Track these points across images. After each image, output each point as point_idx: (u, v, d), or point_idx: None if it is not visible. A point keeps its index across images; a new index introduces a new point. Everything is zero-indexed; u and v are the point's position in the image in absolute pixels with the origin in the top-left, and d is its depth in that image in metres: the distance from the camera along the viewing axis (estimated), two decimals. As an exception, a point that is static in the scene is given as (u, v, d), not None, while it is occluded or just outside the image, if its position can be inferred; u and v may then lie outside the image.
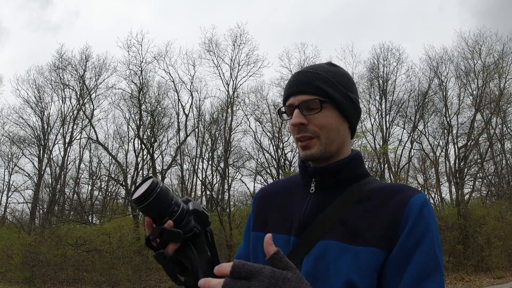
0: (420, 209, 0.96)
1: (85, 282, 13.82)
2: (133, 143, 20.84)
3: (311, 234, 1.02)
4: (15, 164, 21.76)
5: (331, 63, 1.15)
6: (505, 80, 18.49)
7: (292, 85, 1.10)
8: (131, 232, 14.71)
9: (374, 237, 0.95)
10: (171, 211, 0.90)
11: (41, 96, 21.03)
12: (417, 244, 0.93)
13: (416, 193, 0.99)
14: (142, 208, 0.89)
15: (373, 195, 1.03)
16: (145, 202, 0.88)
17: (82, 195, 22.04)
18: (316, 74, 1.09)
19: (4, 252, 15.48)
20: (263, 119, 20.04)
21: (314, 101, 1.05)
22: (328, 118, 1.06)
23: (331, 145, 1.07)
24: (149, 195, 0.88)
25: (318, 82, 1.07)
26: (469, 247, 14.44)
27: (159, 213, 0.90)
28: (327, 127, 1.06)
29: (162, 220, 0.91)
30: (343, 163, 1.08)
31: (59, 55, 20.09)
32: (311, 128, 1.06)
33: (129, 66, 18.73)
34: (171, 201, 0.91)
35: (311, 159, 1.08)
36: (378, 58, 20.04)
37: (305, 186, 1.13)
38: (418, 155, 21.37)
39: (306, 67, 1.14)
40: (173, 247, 0.91)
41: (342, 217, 1.01)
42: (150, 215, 0.91)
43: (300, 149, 1.09)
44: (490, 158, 19.98)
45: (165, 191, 0.90)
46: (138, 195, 0.88)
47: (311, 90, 1.06)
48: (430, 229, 0.94)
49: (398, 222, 0.95)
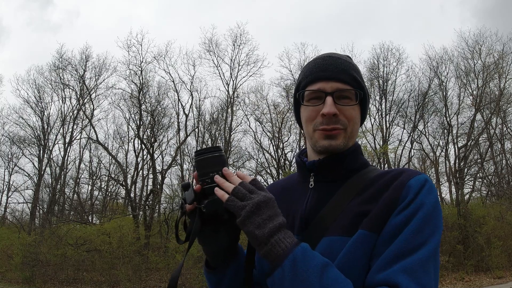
0: (419, 188, 0.91)
1: (85, 282, 13.82)
2: (133, 143, 20.87)
3: (314, 230, 0.98)
4: (15, 164, 21.81)
5: (349, 56, 1.11)
6: (505, 80, 18.51)
7: (325, 69, 1.02)
8: (131, 232, 14.71)
9: (371, 221, 0.91)
10: (204, 178, 0.96)
11: (41, 96, 21.08)
12: (407, 221, 0.87)
13: (417, 175, 0.94)
14: (195, 160, 0.98)
15: (375, 182, 0.98)
16: (197, 157, 0.97)
17: (82, 195, 22.09)
18: (350, 64, 1.04)
19: (4, 252, 15.48)
20: (263, 119, 20.09)
21: (351, 92, 1.00)
22: (356, 112, 1.03)
23: (351, 140, 1.04)
24: (202, 154, 0.96)
25: (354, 72, 1.02)
26: (469, 247, 14.43)
27: (199, 172, 0.96)
28: (353, 121, 1.02)
29: (200, 181, 0.97)
30: (341, 155, 1.04)
31: (59, 55, 20.14)
32: (342, 119, 1.00)
33: (129, 66, 18.79)
34: (209, 173, 0.95)
35: (333, 151, 1.02)
36: (378, 58, 20.09)
37: (304, 182, 1.09)
38: (418, 155, 21.42)
39: (331, 53, 1.07)
40: (189, 207, 0.95)
41: (344, 210, 0.96)
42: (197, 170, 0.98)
43: (322, 137, 1.01)
44: (490, 158, 19.98)
45: (214, 162, 0.96)
46: (201, 149, 0.98)
47: (347, 80, 1.01)
48: (423, 207, 0.88)
49: (396, 203, 0.90)
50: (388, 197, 0.92)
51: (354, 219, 0.94)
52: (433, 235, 0.87)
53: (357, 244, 0.89)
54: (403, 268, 0.82)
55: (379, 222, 0.90)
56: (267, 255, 0.86)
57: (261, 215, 0.86)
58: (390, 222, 0.89)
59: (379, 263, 0.86)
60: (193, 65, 25.00)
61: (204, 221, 0.95)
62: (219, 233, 0.99)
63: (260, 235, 0.85)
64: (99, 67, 20.44)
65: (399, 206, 0.90)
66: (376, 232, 0.89)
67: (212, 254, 1.02)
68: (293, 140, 19.74)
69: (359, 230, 0.90)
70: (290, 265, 0.82)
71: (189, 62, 31.16)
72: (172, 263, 13.25)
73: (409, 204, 0.89)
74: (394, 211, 0.90)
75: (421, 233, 0.86)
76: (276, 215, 0.88)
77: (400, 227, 0.87)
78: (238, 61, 20.33)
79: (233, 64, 20.26)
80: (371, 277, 0.86)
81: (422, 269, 0.83)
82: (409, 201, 0.89)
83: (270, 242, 0.85)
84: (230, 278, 1.03)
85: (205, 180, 0.95)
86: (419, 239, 0.85)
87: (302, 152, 1.17)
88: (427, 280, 0.83)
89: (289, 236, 0.87)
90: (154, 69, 24.82)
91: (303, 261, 0.82)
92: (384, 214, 0.90)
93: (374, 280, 0.85)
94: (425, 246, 0.85)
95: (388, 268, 0.84)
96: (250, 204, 0.86)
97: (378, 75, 19.93)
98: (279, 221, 0.87)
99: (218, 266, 1.03)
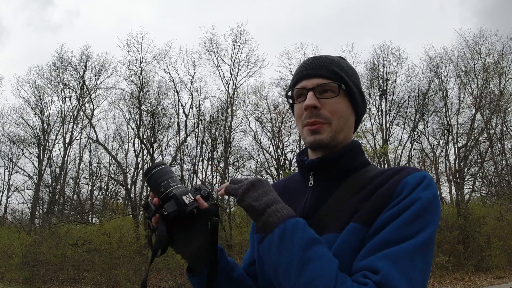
0: (415, 185, 0.89)
1: (85, 282, 13.81)
2: (133, 143, 20.85)
3: (313, 228, 0.96)
4: (15, 164, 21.80)
5: (342, 57, 1.14)
6: (505, 80, 18.51)
7: (307, 68, 1.06)
8: (131, 232, 14.71)
9: (364, 214, 0.91)
10: (157, 191, 1.02)
11: (41, 96, 21.08)
12: (398, 214, 0.86)
13: (416, 171, 0.93)
14: (146, 181, 1.06)
15: (373, 180, 0.98)
16: (144, 177, 1.07)
17: (82, 195, 22.08)
18: (333, 60, 1.07)
19: (4, 252, 15.48)
20: (263, 119, 20.07)
21: (331, 85, 1.03)
22: (341, 105, 1.04)
23: (339, 134, 1.04)
24: (147, 173, 1.04)
25: (335, 67, 1.05)
26: (469, 247, 14.43)
27: (152, 189, 1.03)
28: (338, 114, 1.03)
29: (155, 195, 1.03)
30: (341, 153, 1.04)
31: (59, 55, 20.14)
32: (324, 113, 1.02)
33: (129, 66, 18.77)
34: (160, 184, 1.01)
35: (319, 145, 1.04)
36: (378, 58, 20.08)
37: (304, 181, 1.10)
38: (418, 155, 21.39)
39: (319, 55, 1.11)
40: (154, 220, 1.01)
41: (342, 208, 0.97)
42: (150, 188, 1.05)
43: (308, 133, 1.04)
44: (490, 158, 19.97)
45: (158, 174, 1.02)
46: (145, 170, 1.06)
47: (328, 74, 1.04)
48: (417, 201, 0.86)
49: (390, 198, 0.90)
50: (382, 192, 0.92)
51: (351, 216, 0.94)
52: (424, 229, 0.85)
53: (347, 237, 0.90)
54: (385, 255, 0.81)
55: (372, 216, 0.89)
56: (264, 225, 0.89)
57: (257, 190, 0.95)
58: (381, 216, 0.88)
59: (363, 252, 0.86)
60: (193, 65, 25.00)
61: (170, 226, 0.98)
62: (189, 237, 1.01)
63: (257, 206, 0.91)
64: (99, 67, 20.47)
65: (394, 201, 0.89)
66: (367, 226, 0.89)
67: (189, 259, 1.04)
68: (293, 140, 19.72)
69: (350, 223, 0.91)
70: (279, 233, 0.85)
71: (189, 62, 31.21)
72: (172, 263, 13.25)
73: (403, 199, 0.88)
74: (388, 205, 0.89)
75: (411, 226, 0.84)
76: (271, 191, 0.95)
77: (389, 220, 0.86)
78: (238, 61, 20.34)
79: (233, 64, 20.27)
80: (354, 264, 0.86)
81: (407, 259, 0.81)
82: (404, 196, 0.88)
83: (267, 212, 0.90)
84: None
85: (158, 191, 1.01)
86: (408, 231, 0.84)
87: (302, 152, 1.19)
88: (411, 271, 0.80)
89: (285, 208, 0.91)
90: (154, 69, 24.85)
91: (292, 231, 0.85)
92: (376, 208, 0.90)
93: (356, 267, 0.85)
94: (414, 238, 0.83)
95: (371, 255, 0.83)
96: (245, 183, 0.96)
97: (378, 75, 19.94)
98: (274, 196, 0.94)
99: (197, 269, 1.07)
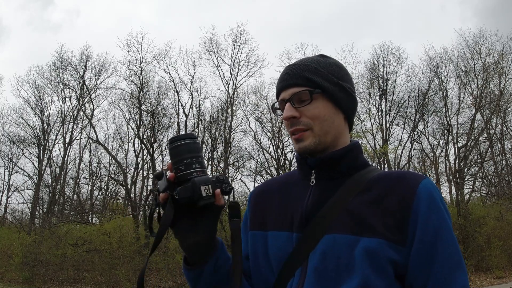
0: (430, 197, 0.93)
1: (85, 282, 13.82)
2: (133, 143, 20.80)
3: (315, 228, 0.97)
4: (15, 164, 21.74)
5: (322, 55, 1.13)
6: (505, 80, 18.49)
7: (282, 79, 1.08)
8: (131, 232, 14.72)
9: (384, 228, 0.92)
10: (177, 166, 0.95)
11: (41, 96, 21.01)
12: (436, 234, 0.91)
13: (422, 179, 0.96)
14: (169, 148, 0.98)
15: (377, 183, 0.99)
16: (171, 145, 0.97)
17: (82, 195, 22.04)
18: (305, 65, 1.06)
19: (4, 252, 15.48)
20: (263, 119, 20.05)
21: (304, 93, 1.03)
22: (320, 109, 1.03)
23: (325, 137, 1.04)
24: (175, 141, 0.96)
25: (307, 73, 1.04)
26: (469, 247, 14.43)
27: (172, 161, 0.96)
28: (319, 118, 1.03)
29: (174, 169, 0.96)
30: (342, 152, 1.04)
31: (59, 55, 20.07)
32: (304, 120, 1.03)
33: (129, 66, 18.72)
34: (183, 160, 0.94)
35: (305, 152, 1.05)
36: (378, 58, 20.03)
37: (305, 179, 1.09)
38: (418, 155, 21.38)
39: (295, 62, 1.12)
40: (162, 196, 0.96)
41: (347, 208, 0.96)
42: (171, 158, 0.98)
43: (294, 142, 1.06)
44: (490, 158, 19.97)
45: (184, 149, 0.95)
46: (173, 137, 0.98)
47: (300, 82, 1.04)
48: (444, 216, 0.93)
49: (408, 213, 0.92)
50: (397, 203, 0.94)
51: (357, 219, 0.94)
52: (456, 247, 0.95)
53: (374, 247, 0.91)
54: None
55: (395, 231, 0.92)
56: None
57: None
58: (418, 236, 0.92)
59: (436, 276, 0.91)
60: (193, 65, 24.76)
61: (178, 210, 0.94)
62: (194, 226, 0.98)
63: None
64: (99, 67, 20.40)
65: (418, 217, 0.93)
66: (397, 244, 0.91)
67: (189, 249, 1.00)
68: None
69: (376, 239, 0.92)
70: None
71: (189, 62, 31.02)
72: (172, 263, 13.26)
73: (429, 215, 0.93)
74: (410, 220, 0.92)
75: (455, 244, 0.94)
76: None
77: (433, 241, 0.92)
78: (238, 61, 20.31)
79: (233, 64, 20.24)
80: None
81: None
82: (427, 209, 0.93)
83: None
84: (208, 274, 1.02)
85: (178, 167, 0.94)
86: (457, 250, 0.94)
87: None
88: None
89: None
90: (154, 69, 24.62)
91: None
92: (399, 223, 0.93)
93: None
94: (461, 256, 0.94)
95: None
96: None
97: (378, 75, 19.91)
98: None
99: (196, 263, 1.02)
